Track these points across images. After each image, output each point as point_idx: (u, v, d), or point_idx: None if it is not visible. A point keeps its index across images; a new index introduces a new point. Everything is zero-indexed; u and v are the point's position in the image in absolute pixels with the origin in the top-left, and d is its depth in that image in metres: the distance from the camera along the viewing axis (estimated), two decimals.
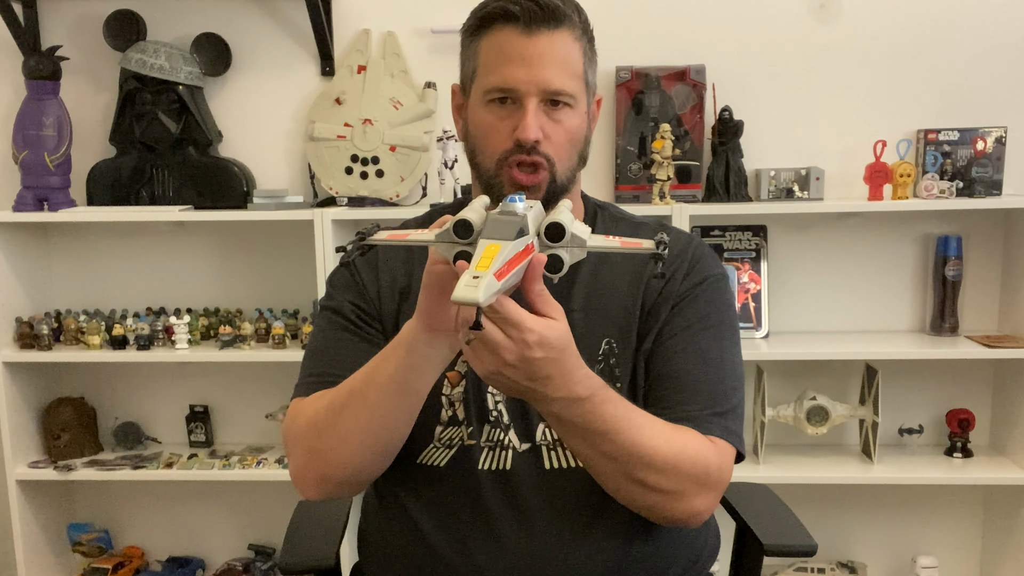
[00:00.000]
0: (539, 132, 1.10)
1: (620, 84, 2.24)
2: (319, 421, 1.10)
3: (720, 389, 1.15)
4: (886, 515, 2.41)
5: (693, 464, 1.06)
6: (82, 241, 2.45)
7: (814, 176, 2.21)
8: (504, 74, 1.10)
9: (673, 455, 1.04)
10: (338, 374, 1.11)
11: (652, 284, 1.18)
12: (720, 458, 1.11)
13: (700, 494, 1.08)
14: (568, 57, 1.11)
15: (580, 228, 0.93)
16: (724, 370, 1.16)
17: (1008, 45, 2.23)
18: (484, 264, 0.80)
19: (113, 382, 2.51)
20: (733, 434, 1.13)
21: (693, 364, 1.14)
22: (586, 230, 0.94)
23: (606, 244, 0.95)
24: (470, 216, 0.89)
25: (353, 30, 2.32)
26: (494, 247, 0.82)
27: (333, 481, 1.13)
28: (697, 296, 1.18)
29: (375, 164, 2.30)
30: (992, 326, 2.32)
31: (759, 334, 2.28)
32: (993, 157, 2.18)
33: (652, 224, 1.27)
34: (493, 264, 0.80)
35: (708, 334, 1.17)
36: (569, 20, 1.11)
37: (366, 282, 1.22)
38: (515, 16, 1.09)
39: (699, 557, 1.25)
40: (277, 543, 2.40)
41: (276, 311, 2.37)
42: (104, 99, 2.37)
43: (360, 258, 1.23)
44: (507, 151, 1.12)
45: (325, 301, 1.25)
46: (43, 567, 2.45)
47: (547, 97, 1.11)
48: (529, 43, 1.09)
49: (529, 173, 1.12)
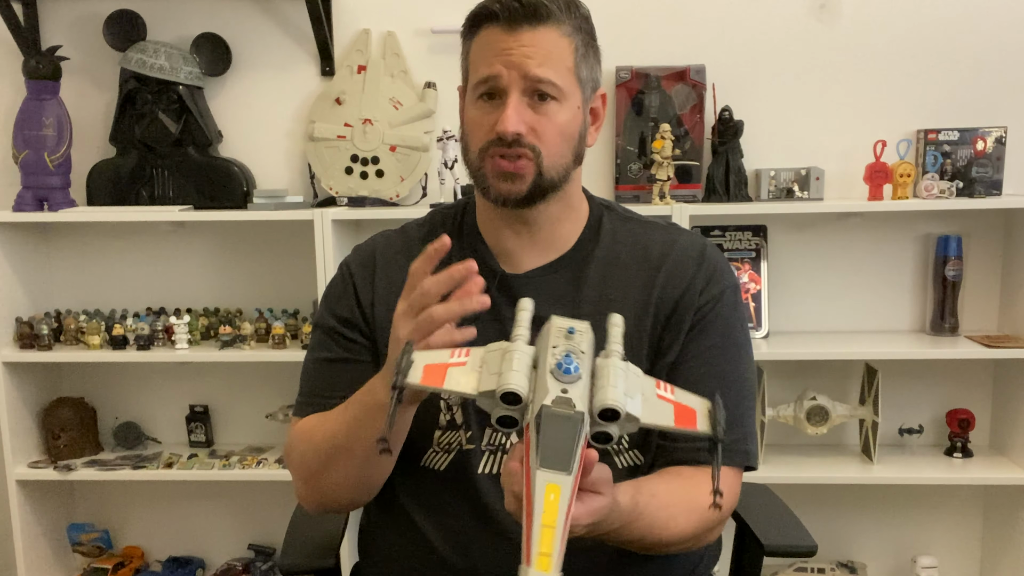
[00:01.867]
0: (519, 124, 1.10)
1: (620, 84, 2.24)
2: (310, 463, 1.16)
3: (738, 413, 1.16)
4: (886, 515, 2.41)
5: (709, 521, 1.11)
6: (82, 241, 2.45)
7: (814, 176, 2.21)
8: (487, 69, 1.11)
9: (694, 528, 1.10)
10: (327, 396, 1.18)
11: (666, 291, 1.17)
12: (732, 492, 1.16)
13: (714, 532, 1.17)
14: (553, 51, 1.11)
15: (633, 383, 0.86)
16: (742, 392, 1.19)
17: (1008, 45, 2.23)
18: (546, 546, 0.75)
19: (113, 382, 2.51)
20: (751, 456, 1.18)
21: (714, 389, 1.14)
22: (637, 383, 0.87)
23: (659, 421, 0.87)
24: (519, 386, 0.82)
25: (353, 30, 2.32)
26: (553, 492, 0.77)
27: (331, 508, 1.23)
28: (717, 313, 1.18)
29: (375, 164, 2.30)
30: (992, 326, 2.32)
31: (759, 334, 2.28)
32: (993, 157, 2.18)
33: (662, 223, 1.26)
34: (555, 541, 0.76)
35: (727, 356, 1.18)
36: (555, 17, 1.10)
37: (359, 289, 1.22)
38: (496, 15, 1.10)
39: (701, 561, 1.25)
40: (277, 543, 2.39)
41: (276, 311, 2.37)
42: (104, 99, 2.37)
43: (357, 262, 1.25)
44: (489, 142, 1.12)
45: (316, 318, 1.28)
46: (43, 567, 2.44)
47: (530, 87, 1.10)
48: (511, 38, 1.10)
49: (512, 160, 1.11)
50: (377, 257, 1.24)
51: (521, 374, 0.83)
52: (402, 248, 1.24)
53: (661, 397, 0.89)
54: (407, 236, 1.27)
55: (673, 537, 1.07)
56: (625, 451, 1.17)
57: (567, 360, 0.81)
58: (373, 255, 1.25)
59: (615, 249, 1.21)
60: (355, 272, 1.24)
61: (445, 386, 0.86)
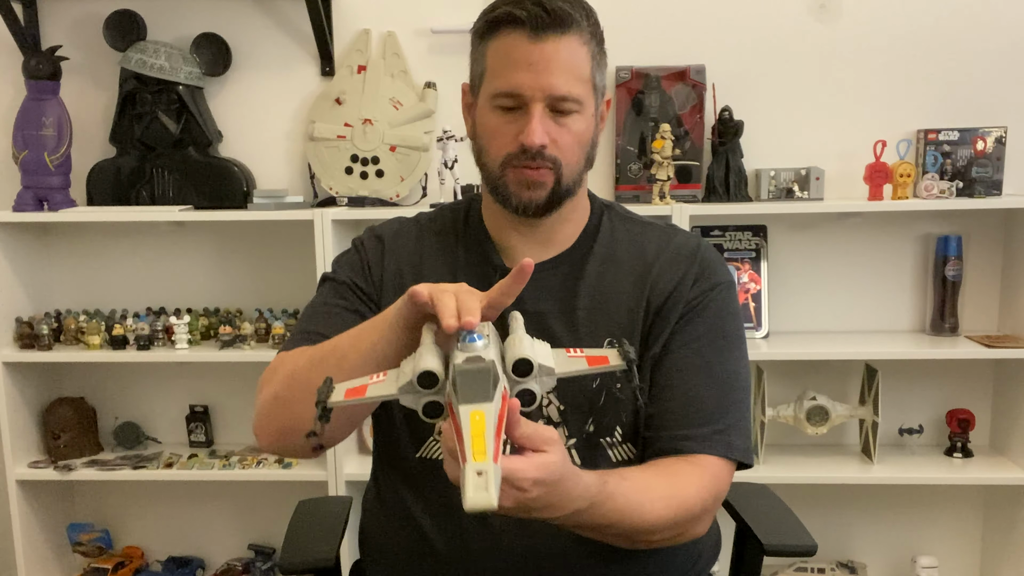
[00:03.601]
0: (544, 137, 1.11)
1: (620, 84, 2.24)
2: (297, 372, 1.10)
3: (723, 404, 1.15)
4: (886, 515, 2.41)
5: (690, 511, 1.09)
6: (82, 241, 2.45)
7: (814, 176, 2.22)
8: (510, 79, 1.11)
9: (673, 515, 1.07)
10: (326, 334, 1.13)
11: (658, 286, 1.18)
12: (716, 482, 1.13)
13: (698, 525, 1.13)
14: (575, 62, 1.11)
15: (541, 351, 0.90)
16: (729, 383, 1.17)
17: (1008, 45, 2.23)
18: (479, 447, 0.77)
19: (113, 382, 2.51)
20: (735, 449, 1.15)
21: (698, 380, 1.15)
22: (547, 351, 0.91)
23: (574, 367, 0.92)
24: (432, 366, 0.86)
25: (353, 30, 2.32)
26: (478, 415, 0.79)
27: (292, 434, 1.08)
28: (706, 306, 1.18)
29: (375, 164, 2.31)
30: (992, 326, 2.32)
31: (759, 334, 2.28)
32: (993, 157, 2.18)
33: (660, 224, 1.27)
34: (487, 443, 0.77)
35: (715, 347, 1.17)
36: (577, 25, 1.11)
37: (371, 265, 1.23)
38: (522, 21, 1.09)
39: (700, 557, 1.25)
40: (277, 543, 2.40)
41: (276, 311, 2.37)
42: (104, 99, 2.37)
43: (370, 241, 1.26)
44: (511, 154, 1.13)
45: (328, 273, 1.27)
46: (43, 567, 2.45)
47: (553, 103, 1.11)
48: (535, 49, 1.09)
49: (534, 171, 1.13)
50: (387, 241, 1.26)
51: (432, 358, 0.87)
52: (414, 236, 1.26)
53: (573, 356, 0.94)
54: (419, 226, 1.29)
55: (650, 523, 1.05)
56: (619, 444, 1.17)
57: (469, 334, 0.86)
58: (383, 237, 1.26)
59: (613, 247, 1.22)
60: (368, 248, 1.26)
61: (368, 394, 0.90)
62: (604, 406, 1.16)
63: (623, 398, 1.16)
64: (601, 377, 1.15)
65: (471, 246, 1.24)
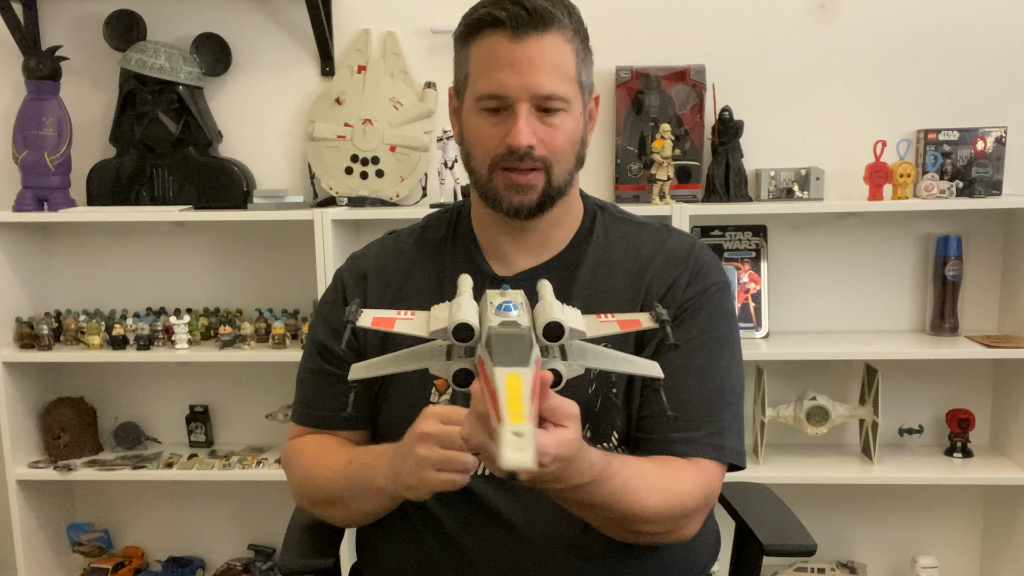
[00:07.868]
0: (531, 138, 1.10)
1: (620, 84, 2.24)
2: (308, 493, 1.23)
3: (716, 406, 1.15)
4: (886, 515, 2.41)
5: (684, 507, 1.10)
6: (82, 241, 2.45)
7: (814, 176, 2.21)
8: (494, 81, 1.10)
9: (667, 508, 1.08)
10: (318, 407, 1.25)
11: (653, 287, 1.18)
12: (709, 482, 1.14)
13: (689, 524, 1.13)
14: (559, 60, 1.11)
15: (571, 315, 0.91)
16: (722, 385, 1.17)
17: (1008, 45, 2.23)
18: (516, 408, 0.75)
19: (113, 382, 2.51)
20: (728, 451, 1.15)
21: (691, 382, 1.15)
22: (577, 315, 0.92)
23: (605, 330, 0.95)
24: (470, 319, 0.86)
25: (353, 30, 2.32)
26: (514, 379, 0.77)
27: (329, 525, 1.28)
28: (701, 307, 1.18)
29: (375, 164, 2.30)
30: (992, 326, 2.32)
31: (759, 334, 2.28)
32: (993, 157, 2.18)
33: (655, 224, 1.27)
34: (524, 407, 0.75)
35: (708, 349, 1.17)
36: (559, 22, 1.10)
37: (350, 299, 1.22)
38: (502, 22, 1.09)
39: (699, 558, 1.25)
40: (277, 543, 2.39)
41: (276, 311, 2.37)
42: (104, 99, 2.37)
43: (350, 273, 1.28)
44: (499, 155, 1.12)
45: (309, 328, 1.33)
46: (43, 567, 2.45)
47: (539, 102, 1.10)
48: (517, 48, 1.09)
49: (524, 173, 1.12)
50: (369, 267, 1.27)
51: (470, 312, 0.88)
52: (394, 254, 1.27)
53: (604, 321, 0.97)
54: (399, 242, 1.29)
55: (644, 511, 1.05)
56: (614, 448, 1.17)
57: (506, 304, 0.88)
58: (365, 265, 1.27)
59: (606, 249, 1.22)
60: (347, 283, 1.27)
61: (396, 329, 0.92)
62: (601, 411, 1.15)
63: (619, 403, 1.16)
64: (598, 382, 1.15)
65: (459, 255, 1.23)
